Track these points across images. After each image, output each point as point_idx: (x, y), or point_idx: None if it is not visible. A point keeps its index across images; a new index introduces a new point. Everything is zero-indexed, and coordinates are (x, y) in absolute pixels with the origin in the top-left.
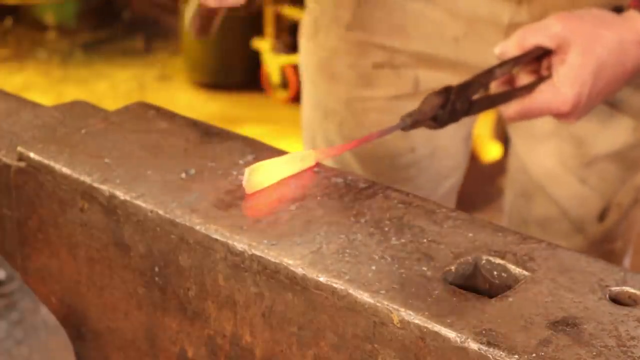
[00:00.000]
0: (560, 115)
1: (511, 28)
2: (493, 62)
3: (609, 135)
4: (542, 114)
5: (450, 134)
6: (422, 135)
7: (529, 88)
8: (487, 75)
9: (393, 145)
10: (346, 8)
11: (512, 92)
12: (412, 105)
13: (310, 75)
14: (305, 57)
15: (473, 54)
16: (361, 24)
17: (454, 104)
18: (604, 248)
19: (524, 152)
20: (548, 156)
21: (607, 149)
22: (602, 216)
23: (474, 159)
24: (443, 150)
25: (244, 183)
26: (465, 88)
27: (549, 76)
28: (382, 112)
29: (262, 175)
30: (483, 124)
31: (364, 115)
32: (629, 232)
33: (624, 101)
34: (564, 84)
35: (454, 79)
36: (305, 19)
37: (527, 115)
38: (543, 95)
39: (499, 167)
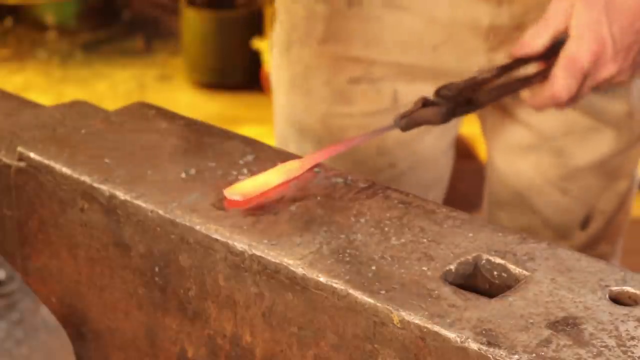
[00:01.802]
0: (596, 61)
1: (491, 31)
2: (473, 68)
3: (590, 146)
4: (577, 69)
5: (431, 146)
6: (401, 150)
7: (542, 75)
8: (497, 70)
9: (372, 162)
10: (319, 21)
11: (524, 81)
12: (390, 120)
13: (283, 90)
14: (278, 71)
15: (453, 61)
16: (335, 37)
17: (456, 97)
18: (590, 253)
19: (503, 164)
20: (528, 169)
21: (589, 160)
22: (584, 224)
23: (473, 159)
24: (424, 164)
25: (228, 197)
26: (469, 82)
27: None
28: (361, 129)
29: (245, 190)
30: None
31: (342, 133)
32: (615, 236)
33: (602, 112)
34: (581, 30)
35: (433, 90)
36: (277, 32)
37: (579, 65)
38: (568, 50)
39: None
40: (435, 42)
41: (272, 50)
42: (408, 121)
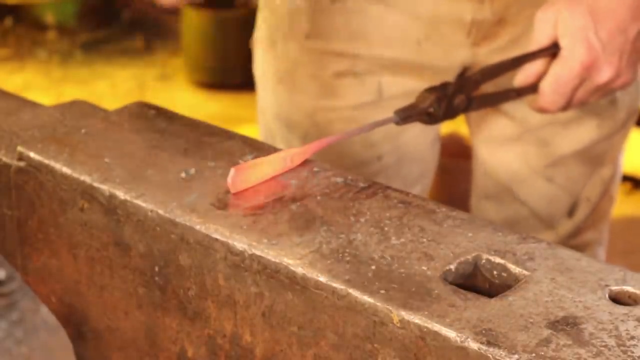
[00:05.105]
0: (589, 69)
1: (474, 26)
2: (457, 62)
3: (574, 134)
4: (573, 77)
5: (416, 140)
6: (388, 143)
7: (534, 86)
8: (491, 70)
9: (359, 154)
10: (303, 16)
11: (518, 90)
12: (376, 113)
13: (270, 86)
14: (263, 67)
15: (436, 56)
16: (320, 31)
17: (450, 100)
18: (577, 241)
19: (488, 157)
20: (513, 159)
21: (573, 148)
22: (571, 211)
23: (472, 158)
24: (410, 157)
25: (229, 182)
26: (464, 84)
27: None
28: (347, 122)
29: (246, 175)
30: None
31: (329, 127)
32: (600, 223)
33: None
34: (569, 38)
35: (417, 84)
36: (261, 28)
37: (565, 86)
38: (555, 69)
39: None
40: (418, 37)
41: (255, 48)
42: (406, 118)
